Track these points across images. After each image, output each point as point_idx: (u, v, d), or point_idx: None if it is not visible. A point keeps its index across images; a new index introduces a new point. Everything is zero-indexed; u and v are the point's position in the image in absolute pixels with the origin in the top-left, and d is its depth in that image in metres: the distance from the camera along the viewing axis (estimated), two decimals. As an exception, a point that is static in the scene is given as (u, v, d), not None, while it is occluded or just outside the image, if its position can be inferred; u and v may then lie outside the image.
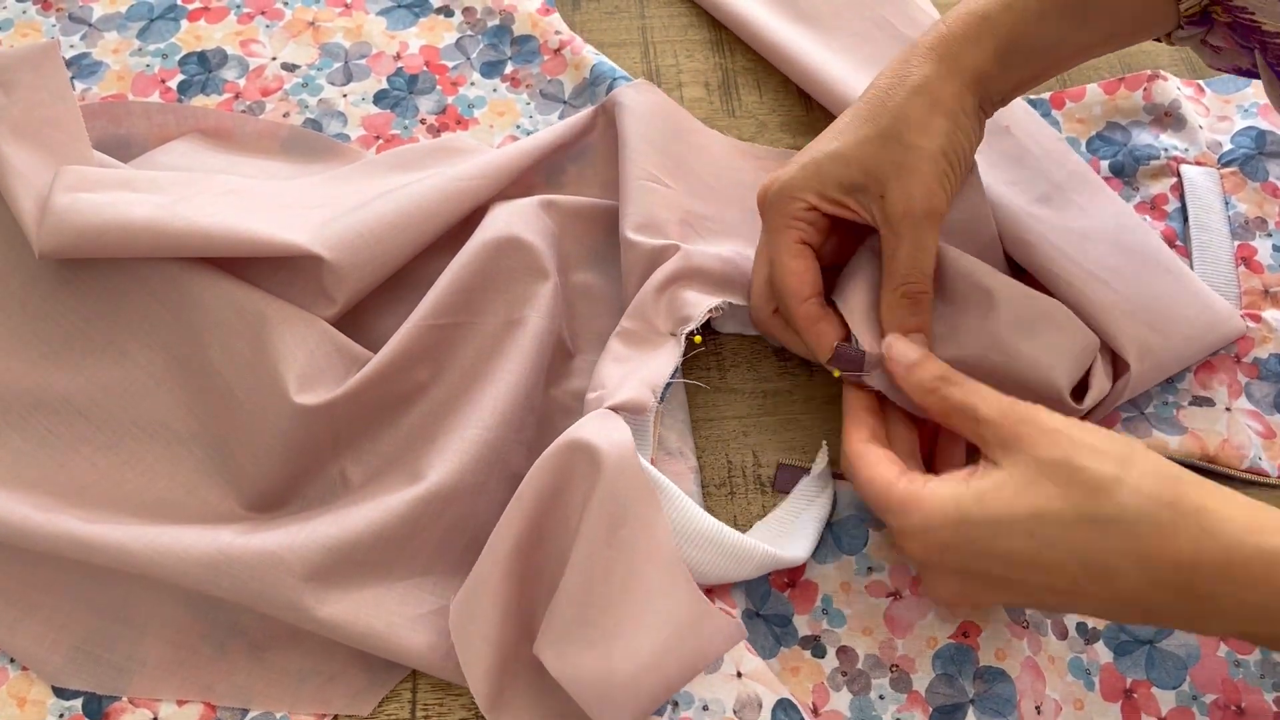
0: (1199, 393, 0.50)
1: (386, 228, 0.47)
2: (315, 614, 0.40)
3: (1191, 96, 0.59)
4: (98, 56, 0.60)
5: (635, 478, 0.41)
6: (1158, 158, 0.56)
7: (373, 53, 0.61)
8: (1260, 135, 0.57)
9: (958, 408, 0.40)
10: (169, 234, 0.44)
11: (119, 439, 0.46)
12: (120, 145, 0.55)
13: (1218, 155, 0.57)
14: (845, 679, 0.44)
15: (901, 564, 0.46)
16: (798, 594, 0.45)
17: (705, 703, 0.42)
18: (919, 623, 0.44)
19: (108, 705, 0.42)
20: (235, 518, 0.45)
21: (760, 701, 0.42)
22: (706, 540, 0.43)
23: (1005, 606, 0.44)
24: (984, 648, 0.44)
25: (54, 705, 0.42)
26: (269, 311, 0.45)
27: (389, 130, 0.58)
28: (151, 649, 0.43)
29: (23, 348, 0.47)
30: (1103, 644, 0.44)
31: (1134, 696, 0.43)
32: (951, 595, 0.40)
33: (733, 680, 0.42)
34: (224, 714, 0.42)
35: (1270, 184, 0.56)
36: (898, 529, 0.39)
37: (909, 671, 0.44)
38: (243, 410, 0.45)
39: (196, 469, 0.46)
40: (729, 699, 0.42)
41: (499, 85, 0.60)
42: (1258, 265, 0.53)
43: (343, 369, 0.46)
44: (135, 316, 0.47)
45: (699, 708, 0.41)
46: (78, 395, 0.46)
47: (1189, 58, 0.63)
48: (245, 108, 0.58)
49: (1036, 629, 0.44)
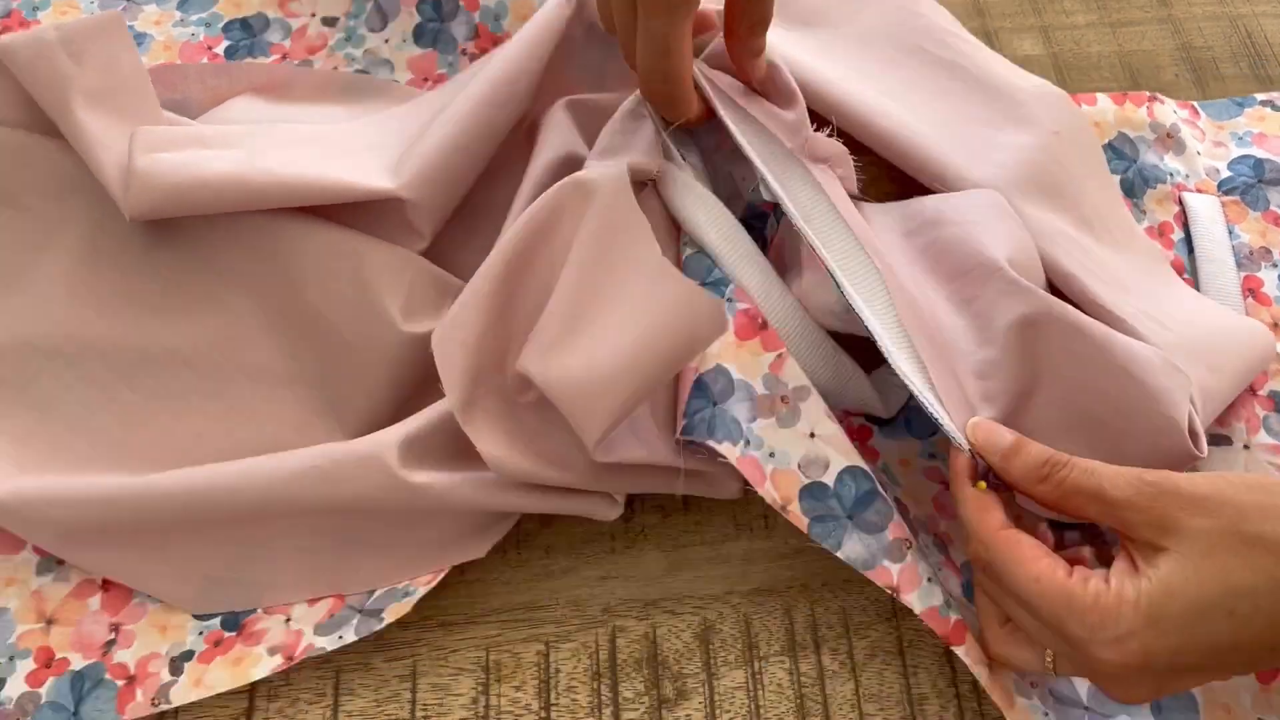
0: (1216, 430, 0.48)
1: (452, 151, 0.48)
2: (411, 480, 0.41)
3: (1187, 120, 0.59)
4: (140, 29, 0.61)
5: (626, 210, 0.42)
6: (1164, 181, 0.56)
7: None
8: (1259, 163, 0.57)
9: (1078, 491, 0.37)
10: (251, 187, 0.45)
11: (225, 386, 0.48)
12: (177, 109, 0.55)
13: (1216, 182, 0.57)
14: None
15: None
16: (860, 451, 0.46)
17: (773, 450, 0.42)
18: None
19: (245, 615, 0.44)
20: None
21: (828, 462, 0.42)
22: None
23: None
24: None
25: (193, 625, 0.44)
26: (364, 249, 0.46)
27: (435, 70, 0.60)
28: (282, 563, 0.45)
29: (122, 307, 0.48)
30: None
31: None
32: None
33: (804, 439, 0.42)
34: (351, 600, 0.44)
35: (1272, 213, 0.55)
36: (1086, 639, 0.35)
37: (949, 544, 0.46)
38: (349, 348, 0.46)
39: (303, 408, 0.48)
40: (796, 453, 0.42)
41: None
42: (1265, 297, 0.53)
43: (440, 299, 0.47)
44: (229, 268, 0.48)
45: (766, 453, 0.42)
46: (182, 347, 0.48)
47: (1190, 58, 0.64)
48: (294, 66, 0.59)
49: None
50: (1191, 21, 0.66)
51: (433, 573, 0.44)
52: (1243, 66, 0.64)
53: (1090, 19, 0.66)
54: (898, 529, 0.41)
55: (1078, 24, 0.66)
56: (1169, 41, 0.65)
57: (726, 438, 0.41)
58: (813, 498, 0.41)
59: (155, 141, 0.46)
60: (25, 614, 0.44)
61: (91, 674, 0.43)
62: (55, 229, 0.49)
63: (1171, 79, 0.63)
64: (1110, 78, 0.63)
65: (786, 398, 0.43)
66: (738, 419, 0.42)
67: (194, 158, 0.46)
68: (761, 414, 0.42)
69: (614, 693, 0.44)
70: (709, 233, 0.45)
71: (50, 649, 0.43)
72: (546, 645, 0.45)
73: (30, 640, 0.43)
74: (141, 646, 0.43)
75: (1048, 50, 0.65)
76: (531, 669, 0.45)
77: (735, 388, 0.42)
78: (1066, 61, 0.64)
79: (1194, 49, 0.65)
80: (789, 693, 0.44)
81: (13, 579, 0.45)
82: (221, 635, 0.44)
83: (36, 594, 0.44)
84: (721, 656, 0.45)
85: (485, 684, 0.44)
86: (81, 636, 0.44)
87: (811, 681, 0.44)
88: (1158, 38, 0.65)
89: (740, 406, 0.42)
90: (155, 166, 0.44)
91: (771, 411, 0.42)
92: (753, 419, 0.42)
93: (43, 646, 0.43)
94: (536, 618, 0.46)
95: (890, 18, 0.59)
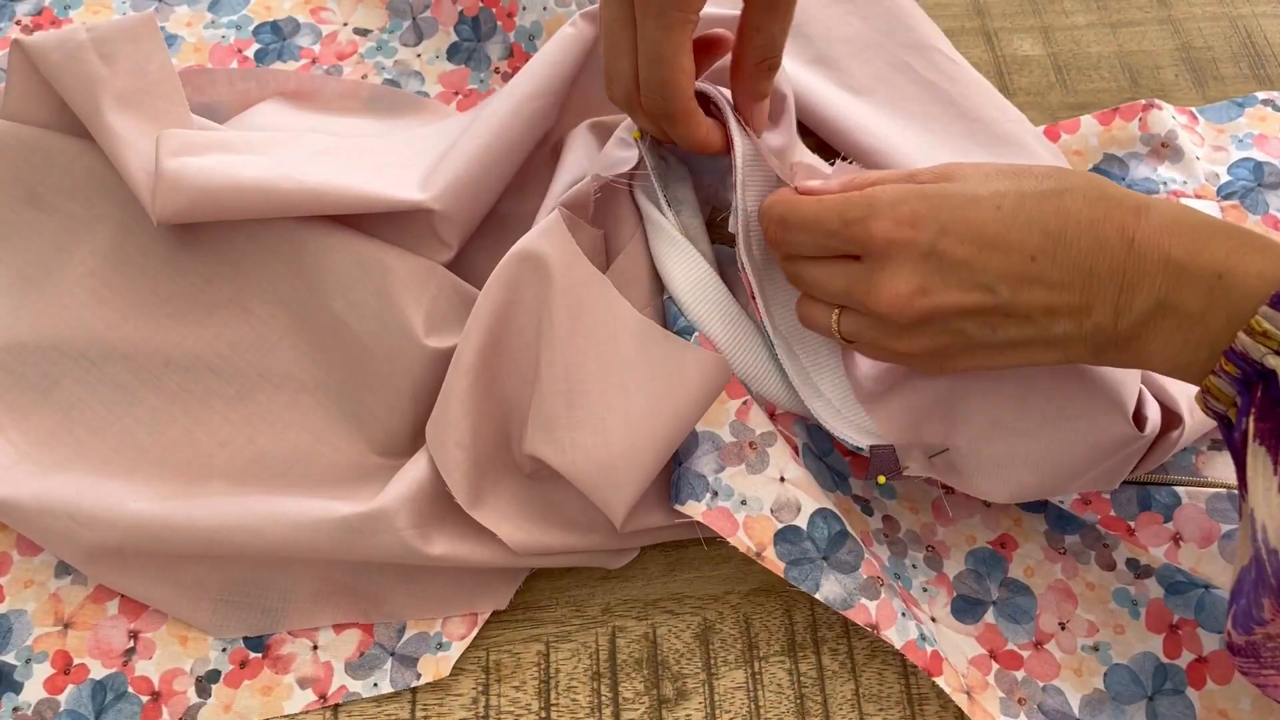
0: (1218, 435, 0.48)
1: (480, 166, 0.48)
2: (427, 552, 0.42)
3: (1185, 125, 0.59)
4: (171, 30, 0.61)
5: (582, 269, 0.43)
6: (1158, 191, 0.56)
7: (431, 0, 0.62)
8: (1258, 166, 0.57)
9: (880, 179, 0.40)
10: (279, 194, 0.45)
11: (248, 391, 0.48)
12: (206, 112, 0.56)
13: (1216, 187, 0.56)
14: (887, 539, 0.46)
15: None
16: (856, 462, 0.48)
17: (744, 498, 0.42)
18: (963, 520, 0.47)
19: (269, 637, 0.44)
20: (366, 462, 0.47)
21: (799, 506, 0.42)
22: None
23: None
24: (1016, 562, 0.46)
25: (215, 640, 0.44)
26: (390, 260, 0.46)
27: (466, 85, 0.60)
28: (298, 587, 0.45)
29: (149, 310, 0.48)
30: (1155, 580, 0.46)
31: (1178, 633, 0.45)
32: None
33: (775, 483, 0.42)
34: (380, 637, 0.44)
35: (1271, 216, 0.55)
36: (863, 216, 0.38)
37: (942, 556, 0.46)
38: (372, 357, 0.47)
39: (325, 416, 0.48)
40: (768, 499, 0.42)
41: (548, 2, 0.59)
42: None
43: (464, 311, 0.47)
44: (254, 274, 0.49)
45: (737, 501, 0.42)
46: (206, 352, 0.48)
47: (1190, 58, 0.64)
48: (323, 72, 0.60)
49: (1076, 557, 0.46)
50: (1191, 22, 0.66)
51: (466, 625, 0.45)
52: (1243, 67, 0.64)
53: (1090, 19, 0.66)
54: (869, 567, 0.42)
55: (1078, 24, 0.66)
56: (1169, 42, 0.65)
57: (690, 496, 0.42)
58: (787, 541, 0.42)
59: (182, 145, 0.46)
60: (43, 616, 0.44)
61: (113, 685, 0.43)
62: (82, 230, 0.49)
63: (1171, 79, 0.63)
64: (1110, 78, 0.63)
65: (755, 443, 0.43)
66: (702, 473, 0.42)
67: (222, 162, 0.46)
68: (729, 462, 0.43)
69: (614, 693, 0.44)
70: (679, 284, 0.45)
71: (68, 653, 0.43)
72: (546, 645, 0.45)
73: (47, 643, 0.44)
74: (164, 658, 0.44)
75: (1047, 50, 0.65)
76: (531, 669, 0.45)
77: (699, 441, 0.43)
78: (1066, 62, 0.64)
79: (1194, 49, 0.65)
80: (789, 693, 0.44)
81: (31, 580, 0.45)
82: (246, 655, 0.44)
83: (54, 596, 0.45)
84: (721, 656, 0.45)
85: (485, 684, 0.44)
86: (99, 642, 0.44)
87: (811, 681, 0.44)
88: (1158, 38, 0.65)
89: (706, 460, 0.43)
90: (183, 170, 0.45)
91: (740, 458, 0.43)
92: (720, 469, 0.43)
93: (60, 650, 0.43)
94: (536, 618, 0.46)
95: (879, 27, 0.60)
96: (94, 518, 0.43)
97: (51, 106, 0.49)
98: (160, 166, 0.45)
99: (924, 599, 0.45)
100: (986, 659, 0.44)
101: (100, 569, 0.44)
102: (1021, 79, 0.63)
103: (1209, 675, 0.44)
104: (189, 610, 0.44)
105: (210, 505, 0.43)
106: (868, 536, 0.46)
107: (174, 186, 0.44)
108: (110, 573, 0.44)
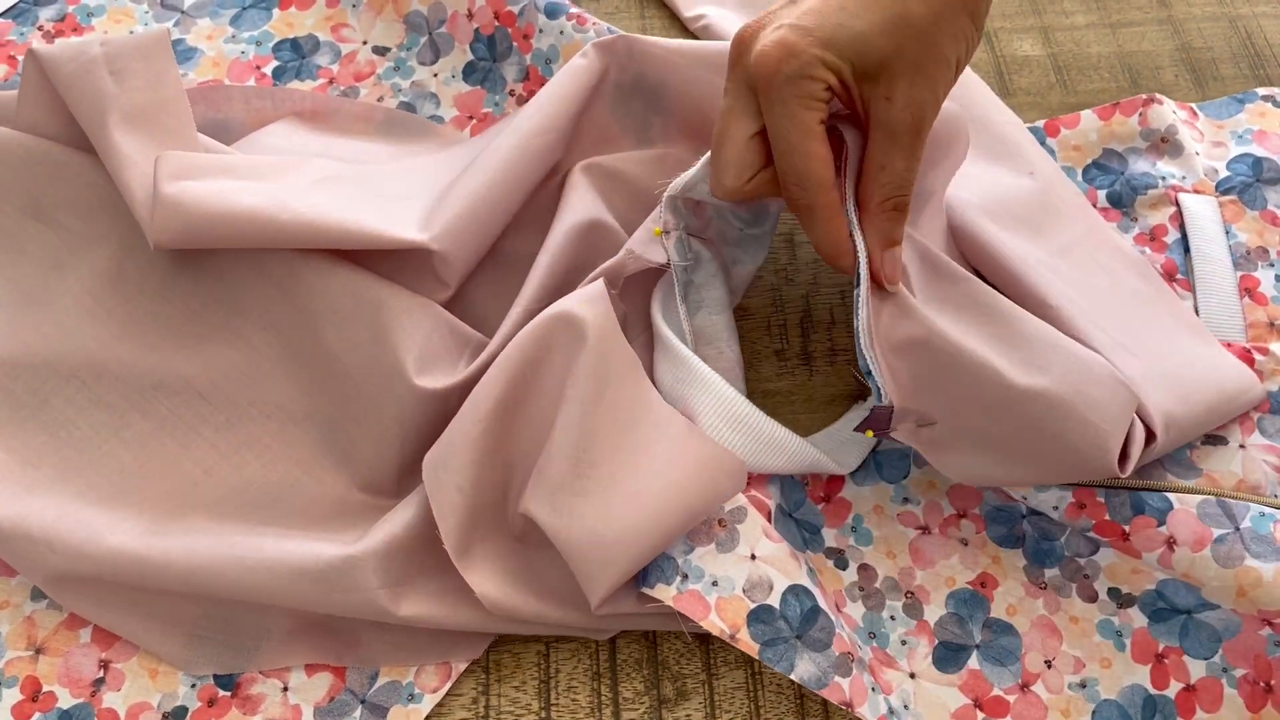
0: (1211, 431, 0.48)
1: (482, 204, 0.47)
2: (396, 613, 0.41)
3: (1186, 120, 0.58)
4: (191, 43, 0.61)
5: (619, 347, 0.41)
6: (1155, 186, 0.55)
7: (448, 15, 0.61)
8: (1257, 162, 0.56)
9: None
10: (275, 225, 0.44)
11: (237, 419, 0.47)
12: (219, 129, 0.56)
13: (1215, 182, 0.56)
14: (862, 594, 0.45)
15: (935, 502, 0.47)
16: (831, 509, 0.47)
17: (715, 579, 0.41)
18: (941, 561, 0.46)
19: (239, 675, 0.43)
20: (349, 498, 0.46)
21: (771, 584, 0.41)
22: (742, 424, 0.43)
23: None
24: (997, 600, 0.45)
25: (185, 676, 0.43)
26: (385, 296, 0.45)
27: (480, 109, 0.59)
28: (278, 624, 0.44)
29: (141, 331, 0.48)
30: (1138, 609, 0.45)
31: (1164, 662, 0.44)
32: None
33: (745, 561, 0.41)
34: (352, 682, 0.43)
35: (1269, 212, 0.54)
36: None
37: (923, 601, 0.45)
38: (360, 394, 0.46)
39: (313, 449, 0.47)
40: (739, 578, 0.41)
41: (566, 27, 0.58)
42: (1261, 297, 0.52)
43: (457, 352, 0.46)
44: (250, 301, 0.48)
45: (708, 583, 0.41)
46: (197, 377, 0.47)
47: (1189, 59, 0.63)
48: (339, 93, 0.59)
49: (1057, 591, 0.45)
50: (1191, 22, 0.65)
51: (440, 677, 0.43)
52: (1242, 67, 0.63)
53: (1090, 19, 0.65)
54: (840, 642, 0.41)
55: (1077, 24, 0.65)
56: (1169, 42, 0.64)
57: (660, 579, 0.41)
58: (761, 621, 0.40)
59: (181, 168, 0.45)
60: (16, 639, 0.44)
61: (79, 716, 0.42)
62: (82, 247, 0.49)
63: (1171, 79, 0.62)
64: (1110, 78, 0.62)
65: (724, 520, 0.42)
66: (671, 555, 0.41)
67: (220, 189, 0.45)
68: (698, 543, 0.42)
69: (614, 693, 0.44)
70: (704, 412, 0.44)
71: (38, 679, 0.43)
72: (546, 645, 0.45)
73: (18, 668, 0.43)
74: (133, 691, 0.43)
75: (1047, 51, 0.64)
76: (531, 669, 0.44)
77: None
78: (1066, 62, 0.63)
79: (1194, 50, 0.64)
80: (789, 693, 0.43)
81: (6, 602, 0.45)
82: (216, 693, 0.43)
83: (29, 620, 0.44)
84: (721, 656, 0.44)
85: (485, 684, 0.44)
86: (70, 670, 0.43)
87: (812, 682, 0.44)
88: (1157, 38, 0.64)
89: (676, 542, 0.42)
90: (182, 195, 0.44)
91: (710, 538, 0.42)
92: (689, 550, 0.41)
93: (30, 676, 0.43)
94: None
95: None
96: (70, 546, 0.42)
97: (62, 118, 0.49)
98: (158, 190, 0.44)
99: (902, 653, 0.44)
100: (971, 709, 0.43)
101: (71, 596, 0.44)
102: (1021, 79, 0.62)
103: (1198, 704, 0.43)
104: (159, 643, 0.43)
105: (189, 543, 0.42)
106: (841, 596, 0.45)
107: (172, 210, 0.44)
108: (81, 600, 0.44)
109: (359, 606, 0.41)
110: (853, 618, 0.44)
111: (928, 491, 0.47)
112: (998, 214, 0.51)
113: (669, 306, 0.47)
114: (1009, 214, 0.51)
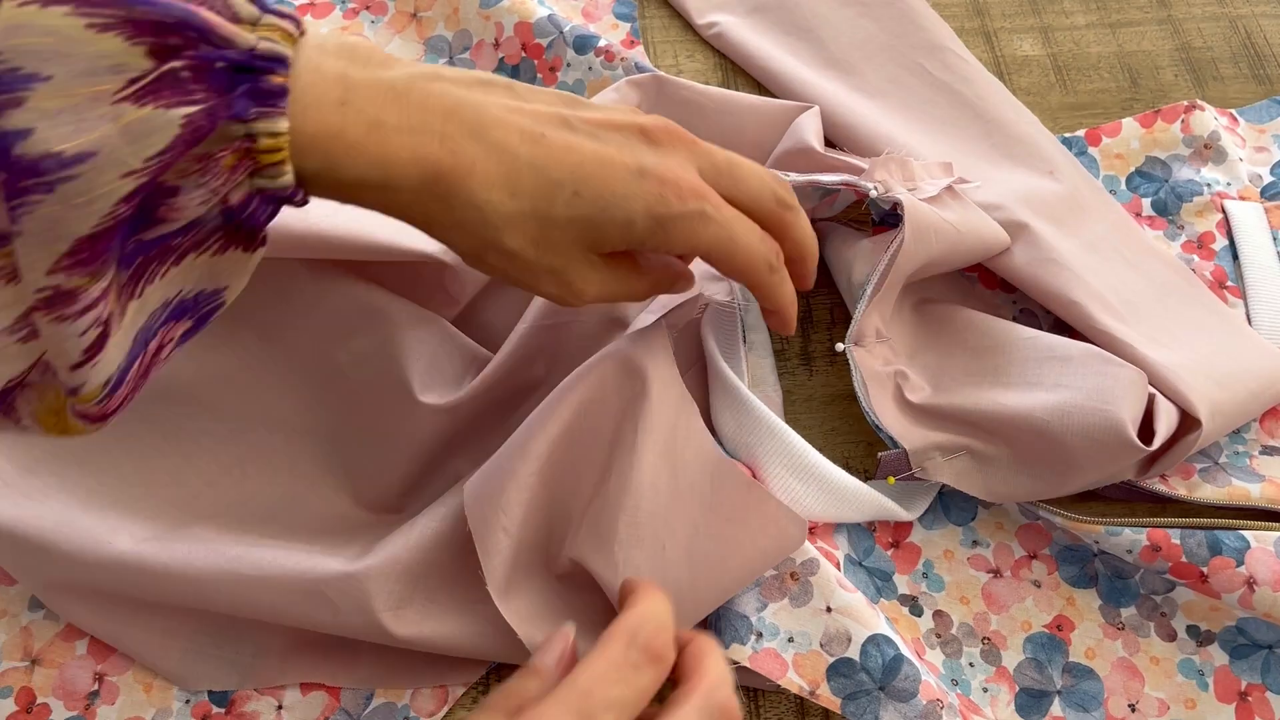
0: (1268, 442, 0.49)
1: None
2: (395, 634, 0.40)
3: (1227, 126, 0.58)
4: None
5: (676, 391, 0.41)
6: (1201, 193, 0.55)
7: (474, 42, 0.60)
8: None
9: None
10: (291, 235, 0.44)
11: (241, 431, 0.47)
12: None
13: (1260, 189, 0.55)
14: (939, 640, 0.44)
15: (1005, 544, 0.46)
16: (900, 555, 0.46)
17: (791, 634, 0.41)
18: (1015, 605, 0.45)
19: (234, 691, 0.43)
20: (351, 515, 0.46)
21: (850, 636, 0.40)
22: (811, 475, 0.43)
23: None
24: (1075, 644, 0.44)
25: (179, 691, 0.43)
26: (393, 311, 0.45)
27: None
28: (275, 641, 0.43)
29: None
30: (1218, 646, 0.44)
31: (1249, 700, 0.43)
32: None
33: (821, 615, 0.41)
34: (347, 702, 0.43)
35: None
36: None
37: (1000, 647, 0.44)
38: (365, 408, 0.45)
39: (315, 463, 0.47)
40: (816, 633, 0.41)
41: (594, 62, 0.58)
42: None
43: (462, 368, 0.46)
44: (256, 312, 0.47)
45: (784, 639, 0.41)
46: (200, 387, 0.47)
47: (1189, 59, 0.63)
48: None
49: (1135, 631, 0.44)
50: (1191, 22, 0.65)
51: (436, 701, 0.43)
52: (1242, 67, 0.62)
53: (1090, 19, 0.65)
54: (928, 690, 0.39)
55: (1077, 24, 0.65)
56: (1168, 42, 0.64)
57: (734, 639, 0.40)
58: (841, 675, 0.40)
59: None
60: (12, 650, 0.43)
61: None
62: None
63: (1171, 79, 0.62)
64: (1110, 78, 0.62)
65: (796, 574, 0.42)
66: (744, 614, 0.41)
67: None
68: (771, 599, 0.41)
69: None
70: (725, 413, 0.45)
71: (32, 691, 0.42)
72: None
73: (13, 679, 0.43)
74: (126, 705, 0.42)
75: (1047, 51, 0.63)
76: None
77: None
78: (1066, 62, 0.63)
79: (1193, 49, 0.63)
80: (789, 693, 0.43)
81: (4, 611, 0.44)
82: (209, 710, 0.42)
83: (25, 630, 0.44)
84: None
85: (486, 684, 0.43)
86: (64, 682, 0.43)
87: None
88: (1157, 38, 0.64)
89: (747, 598, 0.41)
90: None
91: (783, 593, 0.41)
92: (763, 607, 0.41)
93: (25, 687, 0.42)
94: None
95: (890, 29, 0.60)
96: (69, 554, 0.41)
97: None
98: None
99: (984, 701, 0.43)
100: None
101: (68, 604, 0.43)
102: (1021, 79, 0.62)
103: None
104: (155, 655, 0.43)
105: (188, 553, 0.41)
106: (919, 644, 0.44)
107: None
108: (78, 609, 0.43)
109: (357, 625, 0.40)
110: (935, 665, 0.43)
111: (996, 533, 0.47)
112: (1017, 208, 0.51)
113: (727, 349, 0.47)
114: (1033, 213, 0.51)
